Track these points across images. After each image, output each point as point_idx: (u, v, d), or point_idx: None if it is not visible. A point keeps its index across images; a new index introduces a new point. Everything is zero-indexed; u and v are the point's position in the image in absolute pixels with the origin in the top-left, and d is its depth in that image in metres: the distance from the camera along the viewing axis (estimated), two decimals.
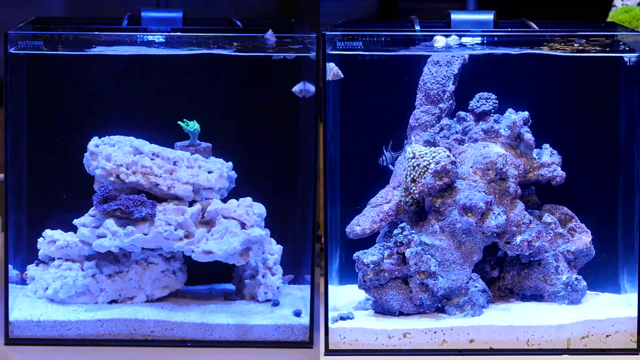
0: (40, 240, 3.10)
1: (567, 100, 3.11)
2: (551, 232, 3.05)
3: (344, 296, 3.05)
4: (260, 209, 3.08)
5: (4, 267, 3.01)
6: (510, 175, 2.99)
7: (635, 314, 2.93)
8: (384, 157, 3.09)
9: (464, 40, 2.95)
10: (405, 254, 2.92)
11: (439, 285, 2.92)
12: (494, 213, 2.93)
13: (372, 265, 2.92)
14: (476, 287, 2.96)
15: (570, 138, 3.11)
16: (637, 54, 2.94)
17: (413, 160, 2.98)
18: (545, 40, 2.96)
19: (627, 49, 2.96)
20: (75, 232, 3.06)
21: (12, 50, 2.93)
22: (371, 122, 3.11)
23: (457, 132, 3.10)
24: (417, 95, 3.11)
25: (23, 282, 3.13)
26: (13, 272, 3.10)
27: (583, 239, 3.07)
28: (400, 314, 2.96)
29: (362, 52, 2.93)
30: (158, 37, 3.00)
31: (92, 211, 3.05)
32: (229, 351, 2.96)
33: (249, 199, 3.08)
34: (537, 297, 3.05)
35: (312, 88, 2.99)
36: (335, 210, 3.04)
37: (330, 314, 2.92)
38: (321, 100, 2.94)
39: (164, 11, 3.11)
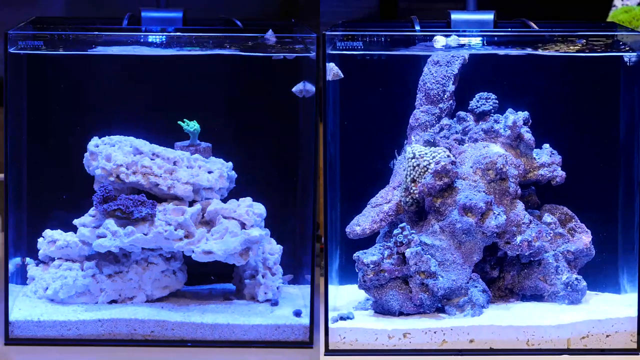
0: (40, 240, 3.10)
1: (567, 100, 3.11)
2: (551, 232, 3.05)
3: (344, 296, 3.05)
4: (260, 209, 3.08)
5: (4, 267, 3.01)
6: (510, 175, 2.99)
7: (635, 314, 2.93)
8: (394, 162, 3.09)
9: (464, 40, 2.95)
10: (405, 254, 2.92)
11: (439, 285, 2.92)
12: (494, 213, 2.93)
13: (372, 265, 2.92)
14: (476, 287, 2.96)
15: (570, 138, 3.11)
16: (637, 54, 2.94)
17: (413, 160, 2.98)
18: (545, 40, 2.96)
19: (627, 49, 2.96)
20: (75, 232, 3.06)
21: (12, 50, 2.93)
22: (371, 122, 3.11)
23: (457, 132, 3.10)
24: (417, 95, 3.11)
25: (24, 269, 3.11)
26: (16, 260, 3.10)
27: (583, 239, 3.07)
28: (400, 314, 2.95)
29: (362, 52, 2.93)
30: (158, 37, 3.00)
31: (92, 211, 3.05)
32: (229, 351, 2.96)
33: (249, 199, 3.08)
34: (537, 297, 3.05)
35: (312, 88, 2.99)
36: (335, 210, 3.04)
37: (330, 314, 2.92)
38: (321, 100, 2.94)
39: (164, 11, 3.10)
